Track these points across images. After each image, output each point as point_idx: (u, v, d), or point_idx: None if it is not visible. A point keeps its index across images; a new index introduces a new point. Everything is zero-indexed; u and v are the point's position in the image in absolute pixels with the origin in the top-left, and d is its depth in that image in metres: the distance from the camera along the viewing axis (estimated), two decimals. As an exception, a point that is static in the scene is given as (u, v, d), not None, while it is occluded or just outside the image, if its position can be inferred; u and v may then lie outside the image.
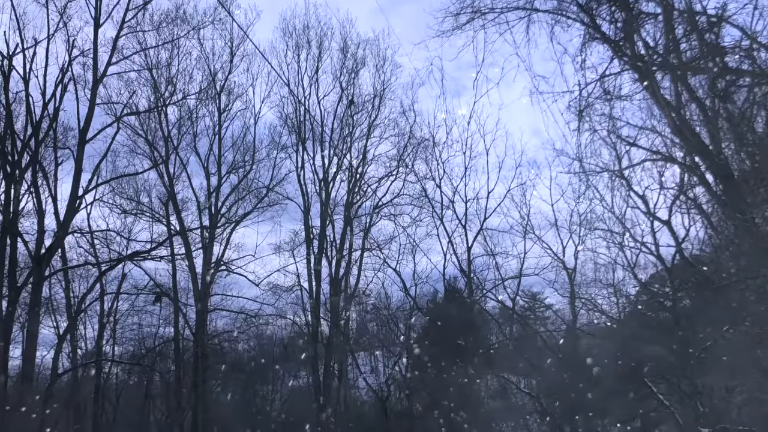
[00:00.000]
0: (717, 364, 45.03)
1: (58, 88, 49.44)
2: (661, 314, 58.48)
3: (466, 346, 59.87)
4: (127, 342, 72.69)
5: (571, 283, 63.08)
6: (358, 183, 65.46)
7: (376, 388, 70.68)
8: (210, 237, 59.34)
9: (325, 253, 63.04)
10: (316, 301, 62.00)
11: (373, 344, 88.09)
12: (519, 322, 67.62)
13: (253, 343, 79.09)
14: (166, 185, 59.61)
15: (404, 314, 67.15)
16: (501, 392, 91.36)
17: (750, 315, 31.47)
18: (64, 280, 59.01)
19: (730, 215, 29.32)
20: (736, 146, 27.14)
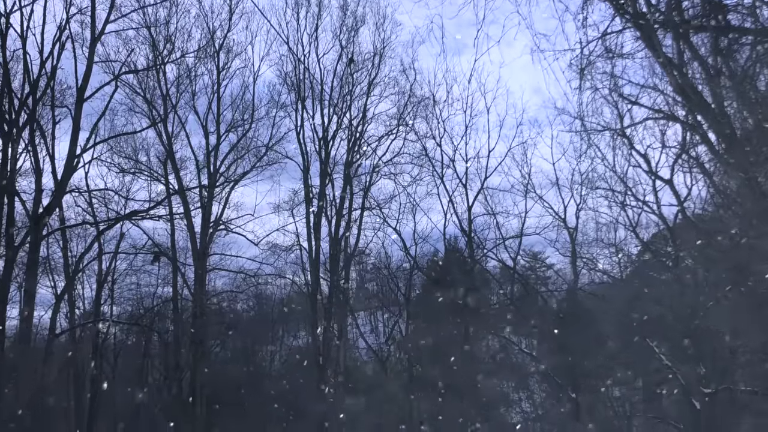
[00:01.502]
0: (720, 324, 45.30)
1: (56, 46, 49.41)
2: (663, 274, 58.66)
3: (467, 305, 60.07)
4: (126, 302, 72.92)
5: (573, 243, 63.26)
6: (357, 142, 65.46)
7: (376, 348, 71.02)
8: (209, 196, 59.43)
9: (325, 212, 63.14)
10: (316, 261, 62.15)
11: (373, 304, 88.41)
12: (520, 281, 67.84)
13: (252, 303, 79.33)
14: (165, 144, 59.65)
15: (404, 274, 67.36)
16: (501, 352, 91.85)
17: (753, 275, 31.66)
18: (61, 240, 59.07)
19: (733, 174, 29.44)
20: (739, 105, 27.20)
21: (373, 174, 66.08)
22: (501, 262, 67.61)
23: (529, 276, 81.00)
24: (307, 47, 64.33)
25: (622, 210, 59.20)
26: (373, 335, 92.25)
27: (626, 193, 57.86)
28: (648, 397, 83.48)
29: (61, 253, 59.94)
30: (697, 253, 46.30)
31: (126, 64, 56.20)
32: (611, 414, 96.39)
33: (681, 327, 54.30)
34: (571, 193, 63.85)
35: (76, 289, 63.72)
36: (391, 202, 67.20)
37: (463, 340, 60.23)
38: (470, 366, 63.00)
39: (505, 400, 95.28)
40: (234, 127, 62.37)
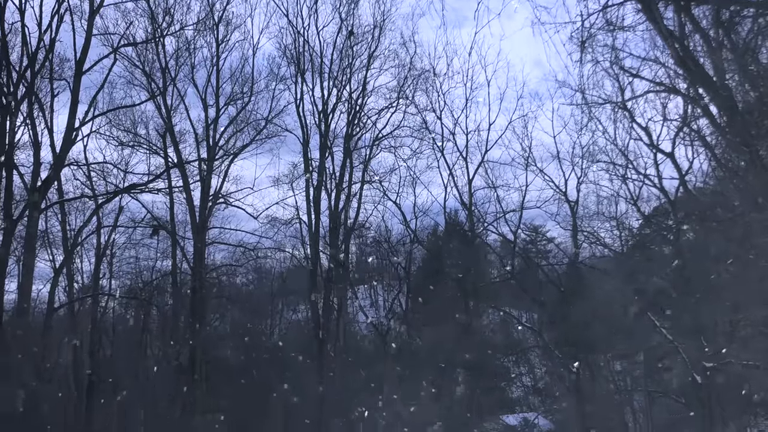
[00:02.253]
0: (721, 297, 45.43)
1: (55, 18, 49.35)
2: (665, 247, 58.82)
3: (467, 279, 60.24)
4: (124, 276, 73.15)
5: (574, 216, 63.35)
6: (357, 115, 65.39)
7: (376, 322, 71.16)
8: (208, 169, 59.45)
9: (325, 185, 63.13)
10: (315, 235, 62.20)
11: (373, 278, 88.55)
12: (520, 255, 67.94)
13: (251, 277, 79.52)
14: (164, 117, 59.63)
15: (404, 247, 67.47)
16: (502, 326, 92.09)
17: (754, 248, 31.78)
18: (60, 213, 59.13)
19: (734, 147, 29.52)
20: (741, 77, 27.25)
21: (373, 147, 66.15)
22: (501, 235, 67.76)
23: (530, 250, 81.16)
24: (306, 20, 64.20)
25: (623, 183, 59.30)
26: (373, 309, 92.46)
27: (627, 167, 57.93)
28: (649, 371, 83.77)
29: (59, 227, 60.06)
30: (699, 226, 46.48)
31: (125, 37, 56.16)
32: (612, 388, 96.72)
33: (682, 301, 54.49)
34: (572, 166, 63.93)
35: (74, 262, 63.88)
36: (391, 175, 67.29)
37: (463, 314, 60.37)
38: (470, 340, 63.19)
39: (506, 374, 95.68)
40: (233, 100, 62.35)
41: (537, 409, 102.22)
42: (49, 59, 49.94)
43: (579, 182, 62.84)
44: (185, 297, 62.62)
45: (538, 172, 64.79)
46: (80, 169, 58.27)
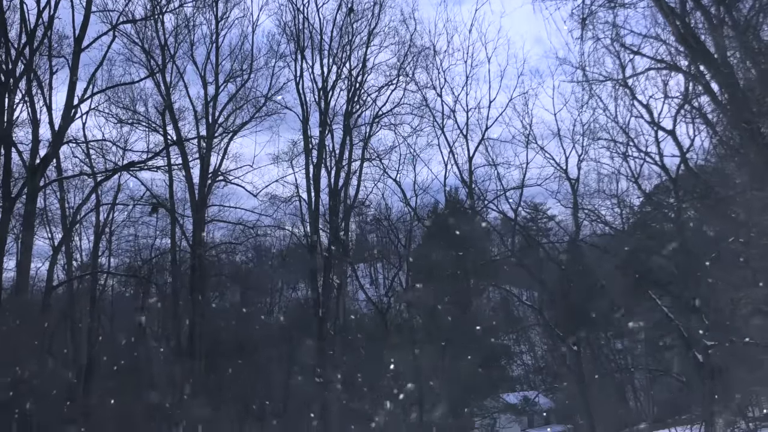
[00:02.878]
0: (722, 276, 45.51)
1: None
2: (666, 225, 58.90)
3: (467, 257, 60.30)
4: (123, 254, 73.24)
5: (574, 194, 63.34)
6: (357, 92, 65.37)
7: (376, 300, 71.22)
8: (207, 147, 59.42)
9: (324, 163, 63.06)
10: (315, 212, 62.24)
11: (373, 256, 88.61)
12: (521, 233, 67.94)
13: (251, 255, 79.58)
14: (163, 94, 59.54)
15: (404, 225, 67.46)
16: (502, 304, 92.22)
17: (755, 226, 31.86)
18: (59, 191, 59.17)
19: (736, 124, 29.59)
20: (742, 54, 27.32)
21: (372, 125, 66.13)
22: (502, 213, 67.75)
23: (531, 227, 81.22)
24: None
25: (624, 161, 59.27)
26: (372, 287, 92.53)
27: (628, 144, 57.93)
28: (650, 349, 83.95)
29: (58, 205, 60.13)
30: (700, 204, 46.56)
31: (124, 14, 55.89)
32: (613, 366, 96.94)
33: (683, 279, 54.62)
34: (573, 144, 63.91)
35: (73, 240, 63.93)
36: (391, 152, 67.32)
37: (463, 292, 60.48)
38: (471, 318, 63.31)
39: (506, 352, 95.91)
40: (233, 78, 62.30)
41: (537, 388, 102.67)
42: (47, 36, 49.85)
43: (580, 160, 62.86)
44: (184, 275, 62.68)
45: (539, 149, 64.80)
46: (79, 147, 58.29)
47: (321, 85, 63.70)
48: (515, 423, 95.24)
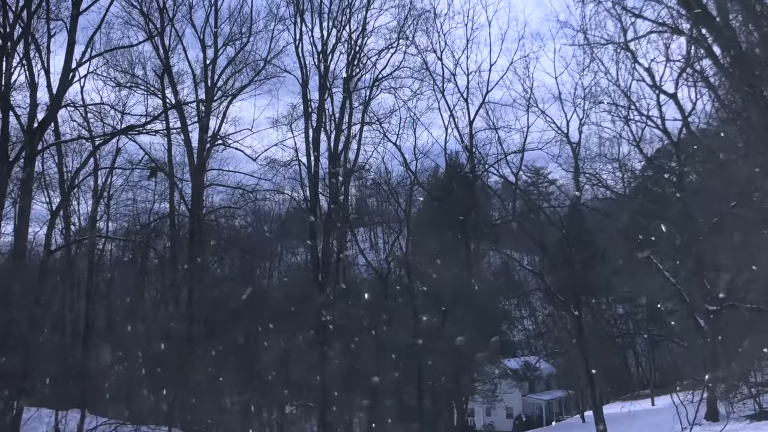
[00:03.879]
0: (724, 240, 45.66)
1: (51, -44, 49.14)
2: (667, 189, 58.97)
3: (468, 221, 60.48)
4: (122, 218, 73.46)
5: (575, 158, 63.40)
6: (357, 56, 65.37)
7: (376, 264, 71.43)
8: (206, 110, 59.44)
9: (324, 127, 63.10)
10: (315, 176, 62.29)
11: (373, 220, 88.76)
12: (522, 197, 68.05)
13: (250, 219, 79.65)
14: (162, 58, 59.46)
15: (405, 189, 67.49)
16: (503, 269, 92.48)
17: (757, 189, 32.00)
18: (57, 155, 59.23)
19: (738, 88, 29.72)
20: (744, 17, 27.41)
21: (372, 88, 66.15)
22: (503, 177, 67.86)
23: (531, 192, 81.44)
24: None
25: (626, 125, 59.34)
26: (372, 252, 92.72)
27: (630, 108, 57.99)
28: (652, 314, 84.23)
29: (56, 169, 60.18)
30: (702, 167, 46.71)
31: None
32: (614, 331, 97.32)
33: (685, 243, 54.78)
34: (574, 107, 63.97)
35: (71, 204, 64.08)
36: (391, 116, 67.52)
37: (464, 257, 60.69)
38: (471, 283, 63.50)
39: (507, 317, 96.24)
40: (232, 41, 62.22)
41: (538, 353, 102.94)
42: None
43: (581, 124, 62.93)
44: (183, 239, 62.82)
45: (540, 113, 64.89)
46: (77, 111, 58.20)
47: (321, 49, 63.72)
48: (516, 388, 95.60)
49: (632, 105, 57.79)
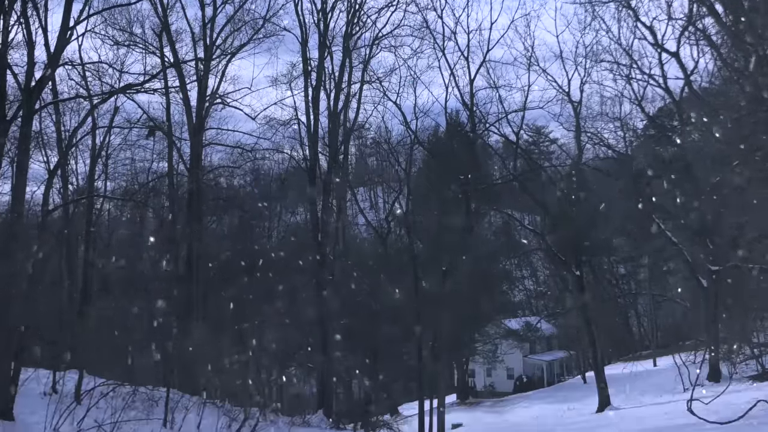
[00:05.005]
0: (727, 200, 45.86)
1: None
2: (669, 148, 59.18)
3: (468, 181, 60.63)
4: (120, 177, 73.53)
5: (577, 117, 63.53)
6: (357, 14, 65.12)
7: (376, 224, 71.57)
8: (205, 69, 59.44)
9: (324, 85, 63.03)
10: (314, 136, 62.32)
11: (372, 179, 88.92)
12: (523, 156, 68.21)
13: (249, 179, 79.77)
14: (160, 16, 59.31)
15: (405, 148, 67.52)
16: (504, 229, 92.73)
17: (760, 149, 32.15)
18: (54, 114, 59.31)
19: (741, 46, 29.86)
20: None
21: (372, 47, 66.10)
22: (503, 136, 68.02)
23: (533, 151, 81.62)
24: None
25: (628, 83, 59.46)
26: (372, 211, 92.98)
27: (631, 66, 58.10)
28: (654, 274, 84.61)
29: (54, 128, 60.27)
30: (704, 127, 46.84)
31: (121, -69, 55.78)
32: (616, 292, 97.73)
33: (687, 203, 54.99)
34: (575, 66, 64.29)
35: (69, 164, 64.12)
36: (391, 75, 67.68)
37: (464, 216, 60.89)
38: (472, 243, 63.71)
39: (508, 277, 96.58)
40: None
41: (539, 313, 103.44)
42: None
43: (582, 82, 63.02)
44: (182, 199, 62.97)
45: (541, 72, 64.93)
46: (75, 69, 58.24)
47: (320, 7, 63.52)
48: (517, 349, 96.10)
49: (634, 63, 57.94)
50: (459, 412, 78.43)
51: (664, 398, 54.37)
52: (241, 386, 43.89)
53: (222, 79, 61.57)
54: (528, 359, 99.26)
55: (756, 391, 40.57)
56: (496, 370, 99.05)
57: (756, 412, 25.24)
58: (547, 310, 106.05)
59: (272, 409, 46.34)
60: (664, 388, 58.78)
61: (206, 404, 35.11)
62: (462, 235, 60.17)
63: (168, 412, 30.88)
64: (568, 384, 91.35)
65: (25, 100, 43.51)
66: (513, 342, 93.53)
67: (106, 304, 62.42)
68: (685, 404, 29.59)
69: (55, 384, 33.13)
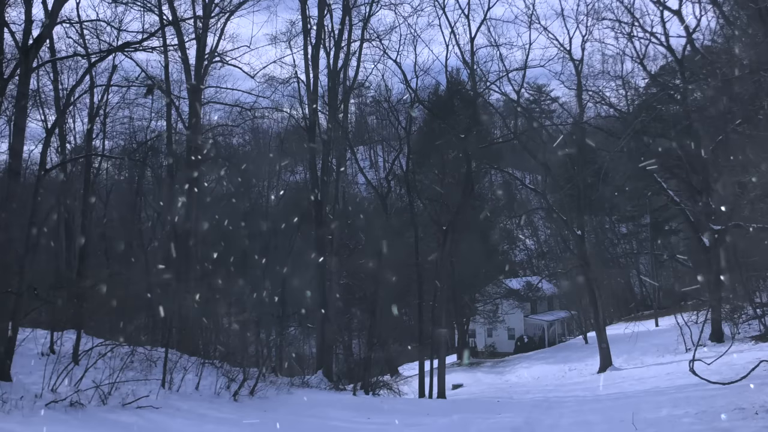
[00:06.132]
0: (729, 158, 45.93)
1: None
2: (671, 107, 59.18)
3: (469, 139, 60.60)
4: (118, 136, 73.40)
5: (578, 75, 63.49)
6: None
7: (376, 183, 71.65)
8: (204, 27, 59.23)
9: (323, 43, 62.87)
10: (314, 94, 62.22)
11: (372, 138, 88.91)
12: (524, 115, 68.18)
13: (248, 138, 79.81)
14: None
15: (405, 107, 67.45)
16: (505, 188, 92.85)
17: (763, 108, 32.19)
18: (52, 72, 59.23)
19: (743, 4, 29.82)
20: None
21: (372, 4, 65.82)
22: (504, 95, 67.96)
23: (534, 109, 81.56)
24: None
25: (629, 41, 59.47)
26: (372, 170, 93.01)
27: (633, 24, 58.05)
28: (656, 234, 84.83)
29: (51, 86, 60.18)
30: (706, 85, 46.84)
31: None
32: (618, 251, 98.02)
33: (689, 161, 55.07)
34: (577, 24, 64.33)
35: (67, 122, 64.05)
36: (391, 33, 67.59)
37: (465, 175, 60.89)
38: (473, 202, 63.78)
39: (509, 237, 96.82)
40: (228, -46, 61.78)
41: (541, 273, 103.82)
42: None
43: (584, 40, 62.95)
44: (180, 158, 62.98)
45: (542, 30, 64.90)
46: (73, 27, 58.04)
47: (320, -37, 63.24)
48: (518, 309, 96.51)
49: (636, 21, 57.90)
50: (459, 373, 78.80)
51: (666, 359, 54.70)
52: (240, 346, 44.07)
53: (221, 38, 61.64)
54: (529, 319, 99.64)
55: (759, 352, 40.83)
56: (497, 330, 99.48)
57: (759, 372, 25.37)
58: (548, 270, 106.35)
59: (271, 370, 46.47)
60: (666, 349, 59.12)
61: (205, 364, 35.19)
62: (462, 194, 60.17)
63: (166, 373, 30.96)
64: (570, 344, 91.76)
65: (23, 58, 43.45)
66: (514, 302, 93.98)
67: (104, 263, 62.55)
68: (687, 365, 29.69)
69: (52, 344, 33.24)
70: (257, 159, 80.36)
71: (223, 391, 32.60)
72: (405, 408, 37.98)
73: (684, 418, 22.90)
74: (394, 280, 58.57)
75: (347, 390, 49.70)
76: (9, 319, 27.02)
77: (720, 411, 22.81)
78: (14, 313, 27.17)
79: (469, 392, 63.11)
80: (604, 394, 39.26)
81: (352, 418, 31.42)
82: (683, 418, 22.91)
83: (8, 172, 49.72)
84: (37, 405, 22.64)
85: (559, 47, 63.63)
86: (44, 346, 32.82)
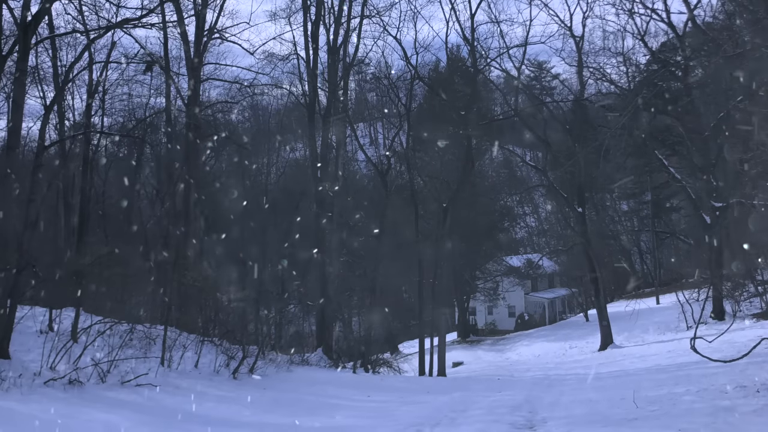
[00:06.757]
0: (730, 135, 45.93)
1: None
2: (673, 84, 59.11)
3: (470, 116, 60.55)
4: (117, 113, 73.31)
5: (579, 52, 63.45)
6: (355, -55, 64.76)
7: (376, 160, 71.60)
8: (203, 3, 59.12)
9: (323, 19, 62.73)
10: (313, 71, 62.13)
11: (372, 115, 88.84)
12: (524, 92, 68.10)
13: (248, 114, 79.77)
14: (157, -53, 59.08)
15: (405, 84, 67.39)
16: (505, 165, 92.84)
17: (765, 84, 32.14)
18: (51, 49, 59.18)
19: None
20: None
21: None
22: (505, 71, 67.86)
23: (534, 86, 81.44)
24: None
25: (630, 18, 59.36)
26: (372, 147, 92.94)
27: (634, 1, 57.91)
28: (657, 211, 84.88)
29: (50, 63, 60.14)
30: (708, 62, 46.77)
31: None
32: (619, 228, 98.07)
33: (691, 139, 55.06)
34: (578, 0, 63.84)
35: (66, 99, 64.00)
36: (391, 9, 67.42)
37: (465, 152, 60.89)
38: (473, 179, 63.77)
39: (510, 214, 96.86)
40: (227, -73, 61.66)
41: (541, 250, 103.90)
42: None
43: (584, 17, 63.03)
44: (179, 135, 62.93)
45: (543, 6, 65.12)
46: (71, 4, 57.70)
47: (319, -63, 63.06)
48: (518, 286, 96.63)
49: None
50: (460, 351, 78.96)
51: (667, 336, 54.82)
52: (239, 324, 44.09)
53: (220, 14, 61.50)
54: (529, 297, 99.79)
55: (760, 329, 40.91)
56: (498, 308, 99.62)
57: (760, 350, 25.39)
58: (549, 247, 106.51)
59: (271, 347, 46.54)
60: (667, 326, 59.22)
61: (204, 342, 35.24)
62: (463, 171, 60.18)
63: (165, 351, 31.03)
64: (570, 322, 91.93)
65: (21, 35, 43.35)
66: (514, 279, 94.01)
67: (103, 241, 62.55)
68: (688, 342, 29.73)
69: (51, 322, 33.25)
70: (257, 135, 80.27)
71: (223, 369, 32.68)
72: (405, 386, 38.10)
73: (685, 396, 22.94)
74: (395, 257, 58.63)
75: (347, 368, 49.83)
76: (8, 296, 27.06)
77: (721, 389, 22.86)
78: (13, 290, 27.18)
79: (470, 370, 63.25)
80: (605, 372, 39.32)
81: (351, 395, 31.50)
82: (684, 396, 22.96)
83: (6, 149, 49.82)
84: (36, 383, 22.69)
85: (559, 24, 63.79)
86: (43, 324, 32.83)
